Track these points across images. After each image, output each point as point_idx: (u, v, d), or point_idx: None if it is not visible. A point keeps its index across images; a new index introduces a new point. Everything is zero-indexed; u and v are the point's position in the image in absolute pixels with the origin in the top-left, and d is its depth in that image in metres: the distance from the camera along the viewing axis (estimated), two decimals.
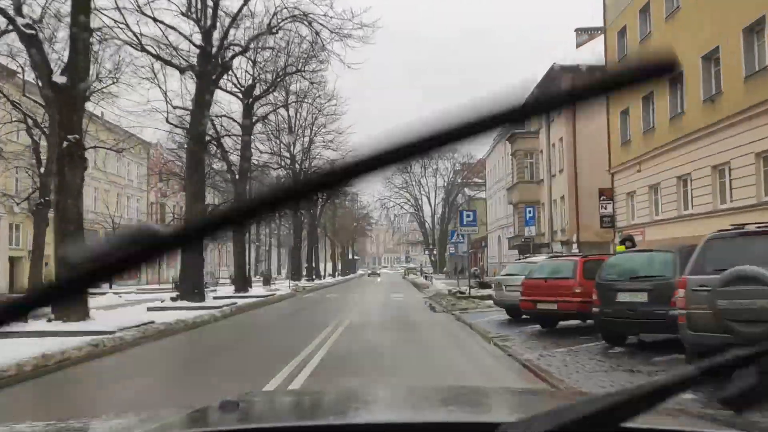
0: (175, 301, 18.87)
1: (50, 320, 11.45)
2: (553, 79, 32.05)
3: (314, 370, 8.51)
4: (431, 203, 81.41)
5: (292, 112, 39.61)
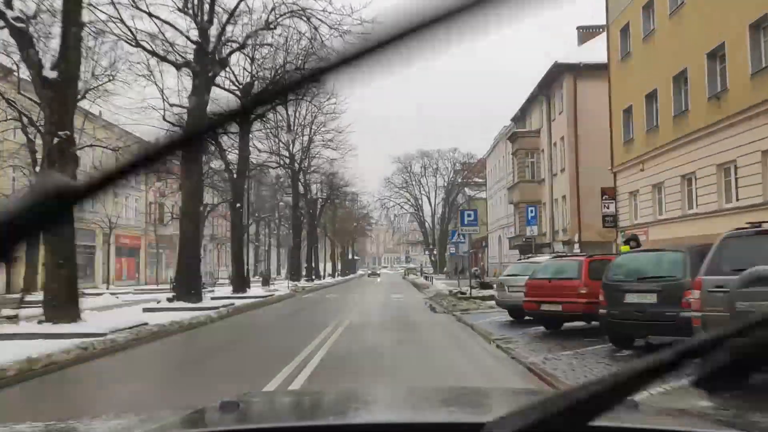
0: (171, 301, 18.53)
1: (40, 322, 11.16)
2: (554, 77, 31.82)
3: (312, 372, 8.30)
4: (431, 203, 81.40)
5: (291, 110, 39.29)
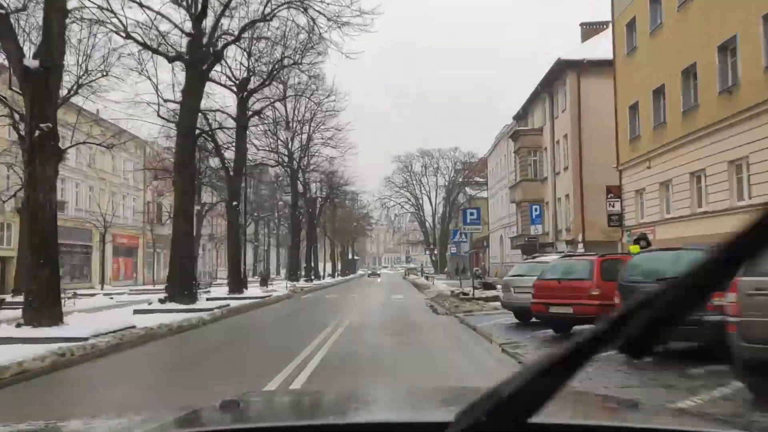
0: (163, 303, 17.86)
1: (19, 325, 10.50)
2: (557, 74, 31.24)
3: (309, 376, 7.93)
4: (432, 202, 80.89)
5: (289, 107, 38.74)
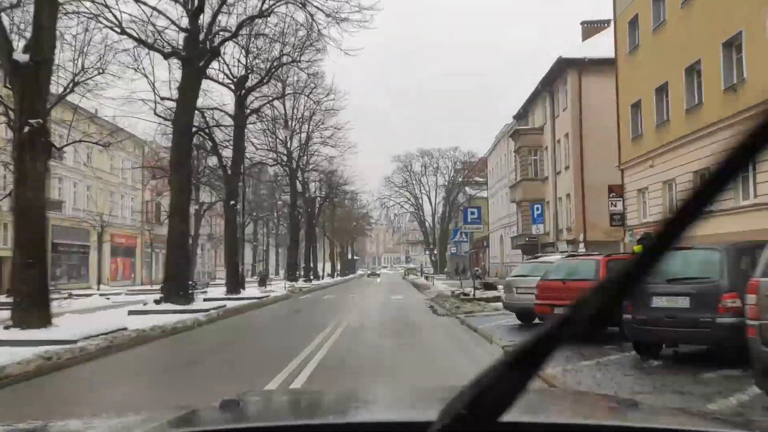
0: (158, 303, 17.49)
1: (7, 327, 10.18)
2: (558, 73, 30.95)
3: (307, 378, 7.74)
4: (432, 202, 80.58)
5: (288, 105, 38.40)
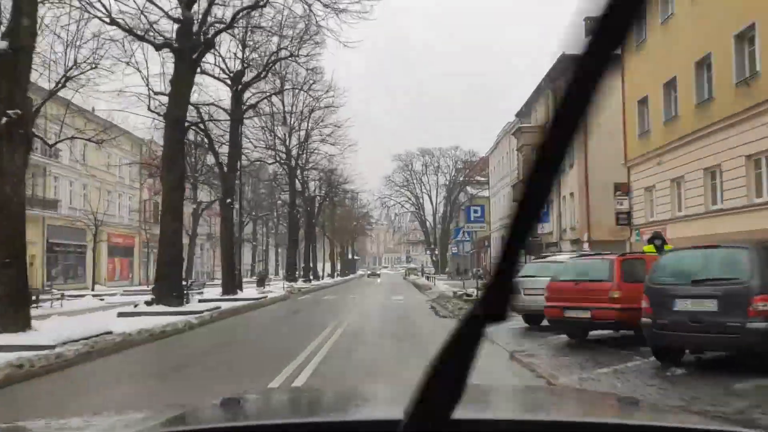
0: (150, 305, 16.83)
1: None
2: (562, 69, 30.44)
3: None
4: (432, 202, 79.98)
5: (287, 101, 37.73)
